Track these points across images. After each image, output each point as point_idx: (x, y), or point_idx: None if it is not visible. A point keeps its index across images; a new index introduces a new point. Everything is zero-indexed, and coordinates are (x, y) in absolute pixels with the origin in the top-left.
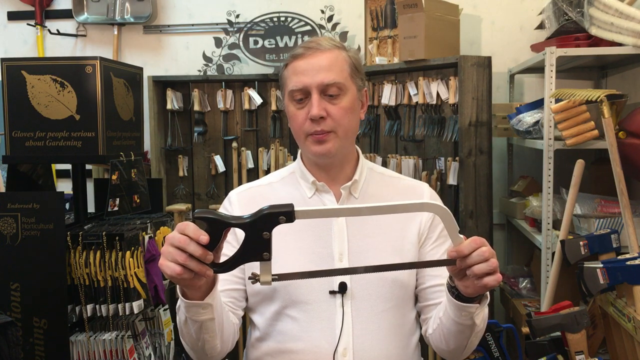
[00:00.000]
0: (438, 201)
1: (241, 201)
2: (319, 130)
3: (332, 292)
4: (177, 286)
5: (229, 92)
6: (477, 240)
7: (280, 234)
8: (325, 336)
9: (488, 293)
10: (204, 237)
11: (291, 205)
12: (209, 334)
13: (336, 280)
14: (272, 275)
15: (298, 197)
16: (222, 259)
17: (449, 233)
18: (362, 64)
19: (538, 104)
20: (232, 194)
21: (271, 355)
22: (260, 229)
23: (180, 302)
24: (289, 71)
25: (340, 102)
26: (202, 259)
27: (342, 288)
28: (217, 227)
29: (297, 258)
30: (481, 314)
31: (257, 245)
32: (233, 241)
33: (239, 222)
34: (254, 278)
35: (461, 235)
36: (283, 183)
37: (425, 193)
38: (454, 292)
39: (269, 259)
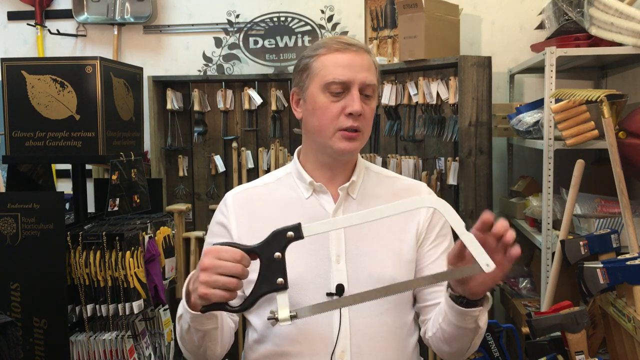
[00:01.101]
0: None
1: (237, 203)
2: (355, 126)
3: (329, 294)
4: (183, 297)
5: (229, 92)
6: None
7: None
8: (322, 339)
9: (490, 295)
10: (248, 259)
11: (298, 223)
12: (212, 342)
13: (333, 282)
14: (290, 312)
15: (295, 198)
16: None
17: (456, 229)
18: None
19: (538, 104)
20: (227, 195)
21: (269, 357)
22: (272, 250)
23: (184, 312)
24: (324, 61)
25: (371, 104)
26: (243, 277)
27: (340, 290)
28: None
29: (294, 259)
30: (484, 317)
31: (272, 270)
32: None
33: (253, 246)
34: (273, 318)
35: (469, 233)
36: (279, 184)
37: (423, 193)
38: (462, 300)
39: (285, 287)
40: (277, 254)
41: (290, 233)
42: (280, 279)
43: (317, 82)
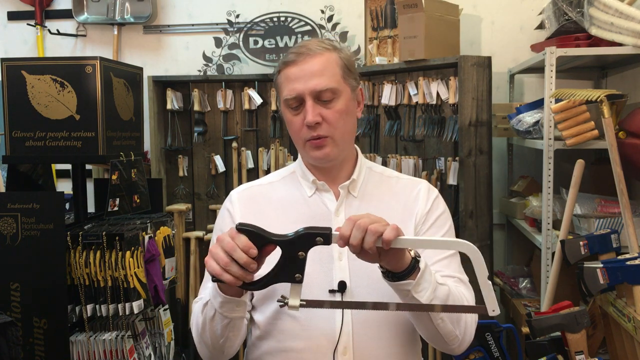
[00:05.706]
0: (433, 194)
1: (241, 200)
2: (315, 136)
3: (331, 291)
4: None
5: (229, 92)
6: (350, 218)
7: (281, 232)
8: (325, 335)
9: (422, 264)
10: (253, 251)
11: (329, 228)
12: (234, 332)
13: (336, 278)
14: (301, 300)
15: (298, 197)
16: None
17: (479, 276)
18: (356, 62)
19: (538, 104)
20: (232, 193)
21: (271, 354)
22: (297, 248)
23: (213, 299)
24: (281, 78)
25: (334, 106)
26: (246, 267)
27: (342, 287)
28: (257, 242)
29: None
30: (426, 293)
31: (292, 265)
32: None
33: (279, 239)
34: (283, 301)
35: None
36: (284, 182)
37: (422, 189)
38: (388, 274)
39: (301, 281)
40: (301, 252)
41: (319, 238)
42: (298, 275)
43: (281, 99)
